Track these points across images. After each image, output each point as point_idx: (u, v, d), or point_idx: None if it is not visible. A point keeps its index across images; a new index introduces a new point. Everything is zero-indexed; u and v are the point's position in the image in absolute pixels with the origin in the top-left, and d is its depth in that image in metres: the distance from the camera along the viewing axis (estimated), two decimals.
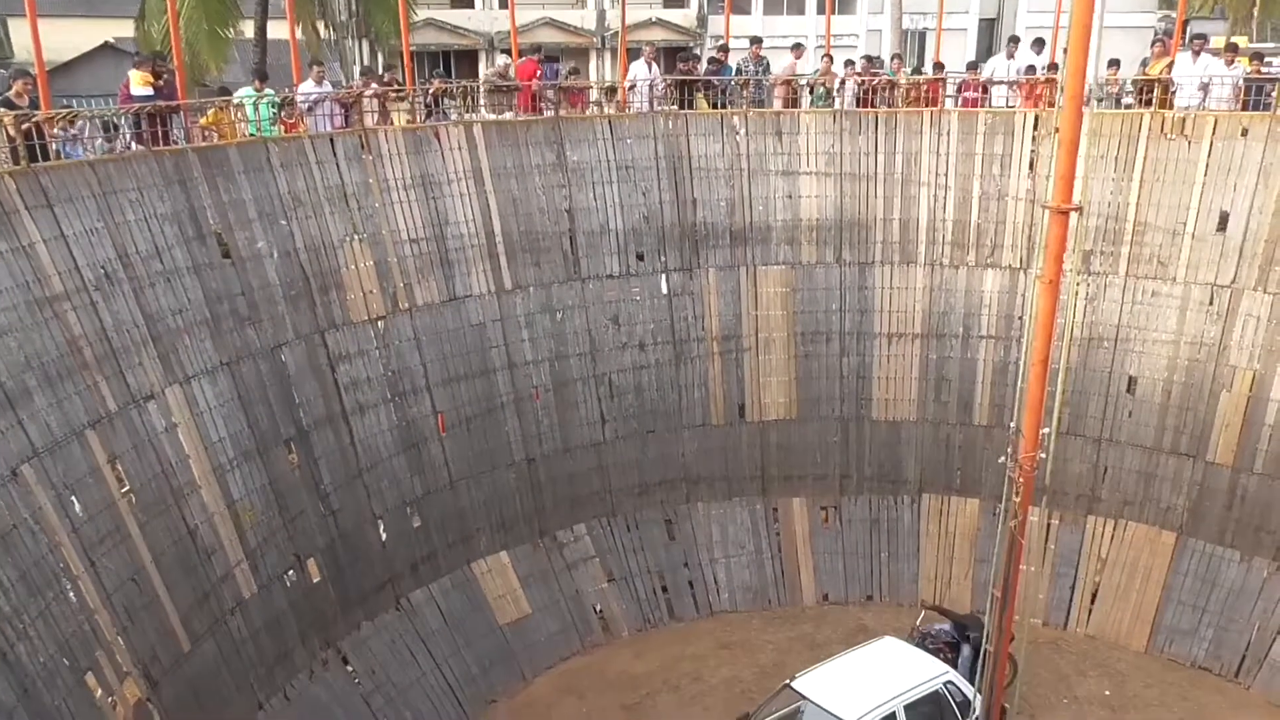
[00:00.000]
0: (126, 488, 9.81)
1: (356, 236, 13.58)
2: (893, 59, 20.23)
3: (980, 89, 16.78)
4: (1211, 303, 14.61)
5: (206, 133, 12.79)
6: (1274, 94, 14.26)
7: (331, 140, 13.50)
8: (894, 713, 11.30)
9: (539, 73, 16.94)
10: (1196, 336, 14.75)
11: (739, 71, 17.92)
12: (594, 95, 17.34)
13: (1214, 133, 14.42)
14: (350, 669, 12.83)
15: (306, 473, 12.59)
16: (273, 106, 13.70)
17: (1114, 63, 16.29)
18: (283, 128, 13.84)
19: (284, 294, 12.57)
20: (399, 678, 13.25)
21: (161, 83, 12.91)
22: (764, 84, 17.28)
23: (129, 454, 9.94)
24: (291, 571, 12.10)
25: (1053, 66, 17.02)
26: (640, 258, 16.13)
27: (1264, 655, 13.97)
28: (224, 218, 11.90)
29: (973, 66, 17.39)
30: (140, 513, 9.91)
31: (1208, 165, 14.47)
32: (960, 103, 16.71)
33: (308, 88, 14.41)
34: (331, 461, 12.97)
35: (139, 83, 12.66)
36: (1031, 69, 16.64)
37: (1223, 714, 13.12)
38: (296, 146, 13.08)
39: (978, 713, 11.20)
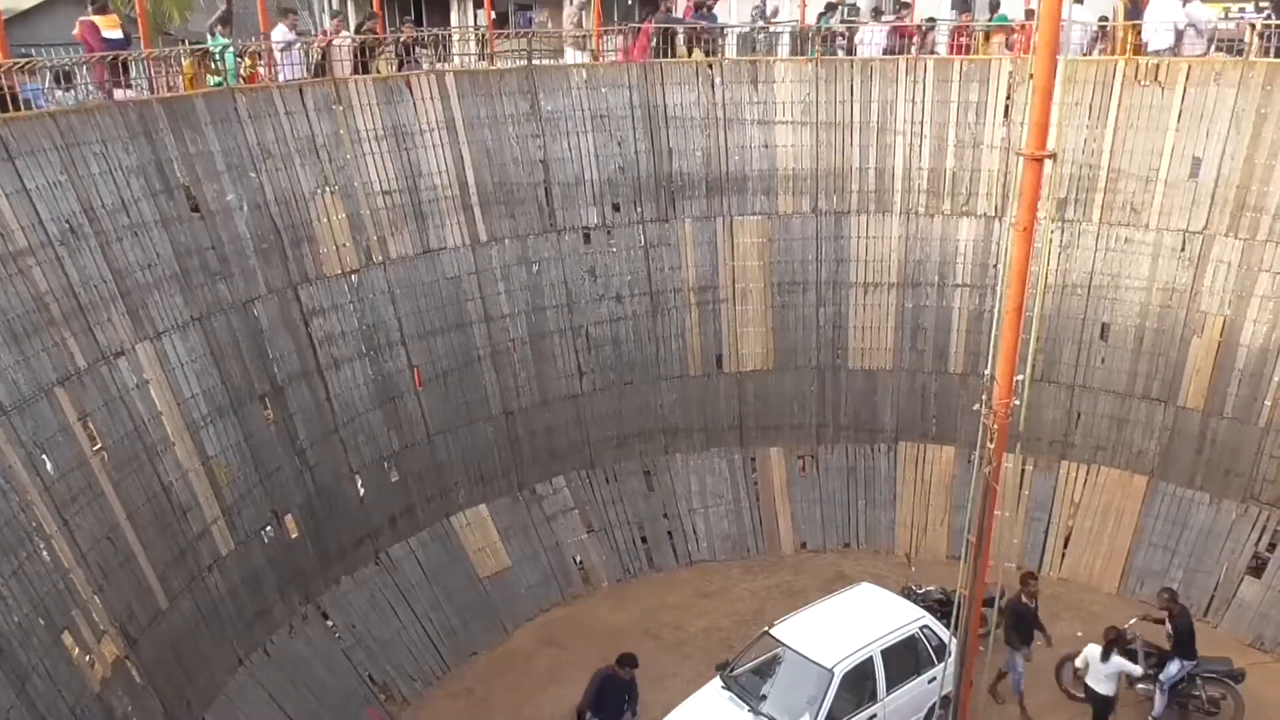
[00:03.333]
0: (98, 445, 9.71)
1: (328, 188, 13.37)
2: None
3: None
4: (1183, 249, 14.69)
5: (171, 84, 12.48)
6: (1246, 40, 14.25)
7: (301, 90, 13.23)
8: (871, 657, 11.47)
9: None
10: (1168, 283, 14.85)
11: (763, 16, 17.59)
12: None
13: (1187, 79, 14.39)
14: (330, 623, 12.87)
15: (282, 428, 12.51)
16: (238, 57, 13.38)
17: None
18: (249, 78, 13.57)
19: (255, 248, 12.38)
20: (379, 631, 13.31)
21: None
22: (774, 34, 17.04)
23: (100, 411, 9.83)
24: (269, 527, 12.07)
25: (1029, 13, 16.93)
26: (616, 209, 16.01)
27: (1232, 595, 14.27)
28: (191, 170, 11.67)
29: None
30: (113, 470, 9.82)
31: (1181, 111, 14.46)
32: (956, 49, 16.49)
33: (280, 34, 14.10)
34: (307, 417, 12.89)
35: (110, 26, 12.21)
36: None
37: None
38: (265, 97, 12.81)
39: (953, 656, 11.35)
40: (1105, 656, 11.67)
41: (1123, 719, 12.44)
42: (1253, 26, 14.33)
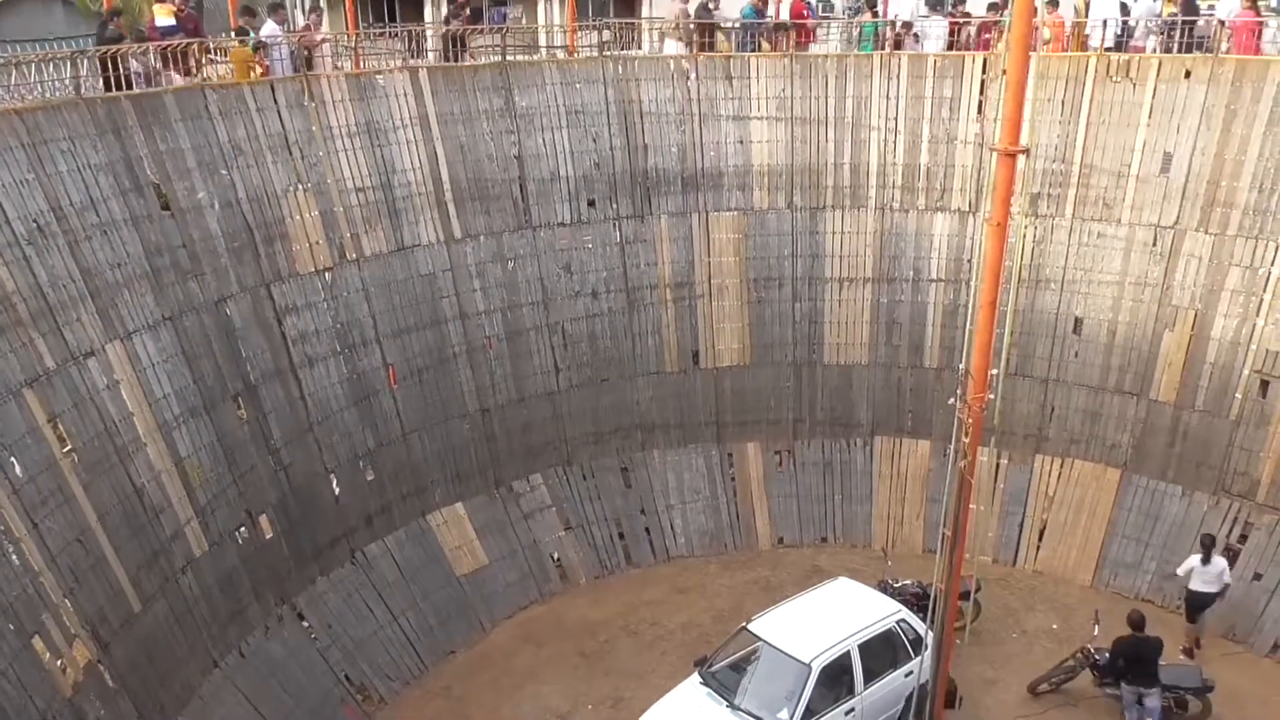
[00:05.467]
0: (68, 447, 9.59)
1: (301, 186, 13.26)
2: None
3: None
4: (1155, 244, 14.82)
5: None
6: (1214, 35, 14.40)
7: (272, 86, 13.11)
8: (848, 651, 11.51)
9: (805, 12, 17.21)
10: (1140, 277, 14.98)
11: (859, 11, 17.41)
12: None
13: (1158, 75, 14.52)
14: (306, 624, 12.78)
15: (255, 428, 12.40)
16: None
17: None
18: (260, 70, 13.71)
19: (227, 246, 12.26)
20: (356, 631, 13.23)
21: (185, 15, 13.41)
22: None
23: (69, 412, 9.69)
24: (243, 528, 11.96)
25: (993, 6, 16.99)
26: (592, 205, 15.97)
27: None
28: (161, 168, 11.53)
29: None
30: (84, 472, 9.69)
31: (1152, 107, 14.60)
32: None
33: (270, 30, 14.15)
34: (281, 416, 12.79)
35: (164, 14, 12.95)
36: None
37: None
38: (235, 93, 12.67)
39: (929, 649, 11.42)
40: (1206, 560, 13.04)
41: (1094, 715, 12.57)
42: (1222, 23, 14.46)
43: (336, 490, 13.54)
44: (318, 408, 13.32)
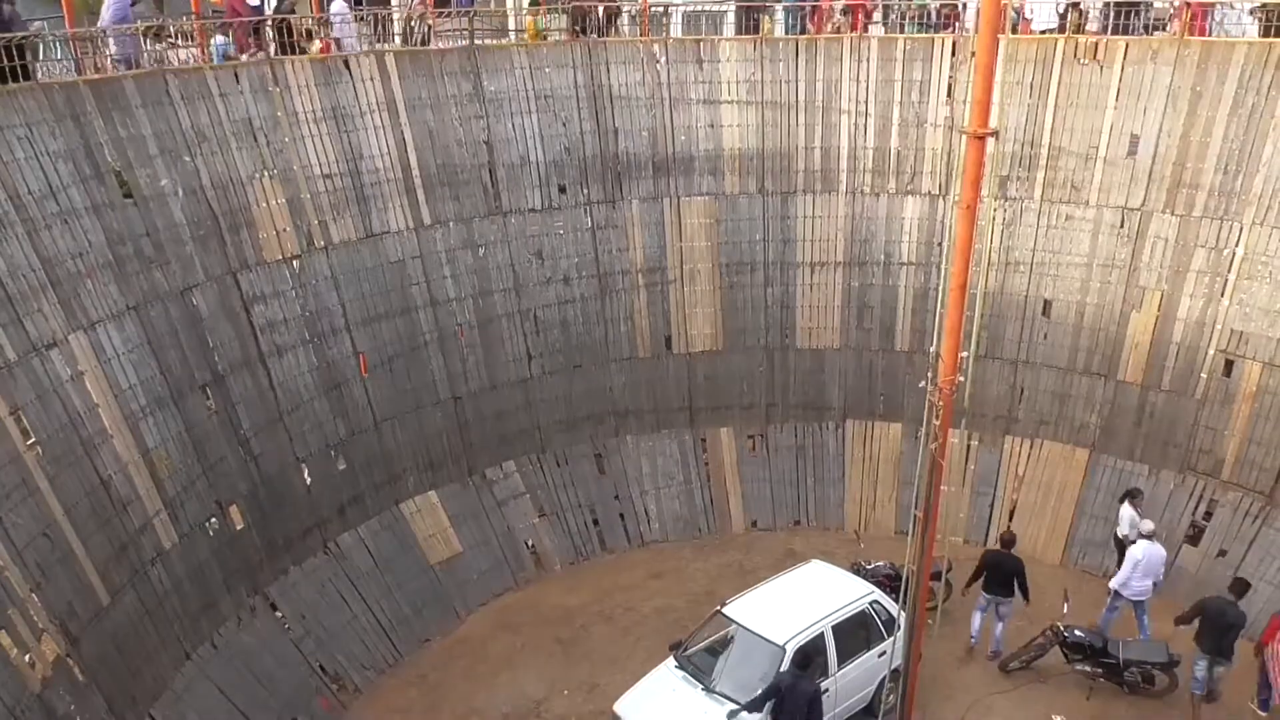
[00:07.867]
0: (32, 440, 9.42)
1: (266, 172, 13.08)
2: None
3: None
4: (1122, 225, 14.95)
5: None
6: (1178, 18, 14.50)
7: (235, 72, 12.90)
8: (822, 633, 11.58)
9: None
10: (1108, 259, 15.11)
11: None
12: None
13: (1125, 57, 14.60)
14: (279, 615, 12.69)
15: (224, 418, 12.26)
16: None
17: None
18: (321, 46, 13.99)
19: (192, 234, 12.08)
20: (330, 621, 13.15)
21: None
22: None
23: (32, 405, 9.52)
24: (213, 519, 11.84)
25: None
26: (563, 190, 15.88)
27: (1171, 563, 14.56)
28: (123, 155, 11.33)
29: None
30: (48, 465, 9.54)
31: (1119, 89, 14.68)
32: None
33: (338, 8, 14.33)
34: (250, 406, 12.65)
35: None
36: None
37: (1134, 621, 13.69)
38: (198, 78, 12.46)
39: (902, 630, 11.50)
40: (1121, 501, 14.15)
41: (1063, 690, 12.73)
42: (1188, 4, 14.55)
43: (308, 480, 13.43)
44: (288, 397, 13.19)
